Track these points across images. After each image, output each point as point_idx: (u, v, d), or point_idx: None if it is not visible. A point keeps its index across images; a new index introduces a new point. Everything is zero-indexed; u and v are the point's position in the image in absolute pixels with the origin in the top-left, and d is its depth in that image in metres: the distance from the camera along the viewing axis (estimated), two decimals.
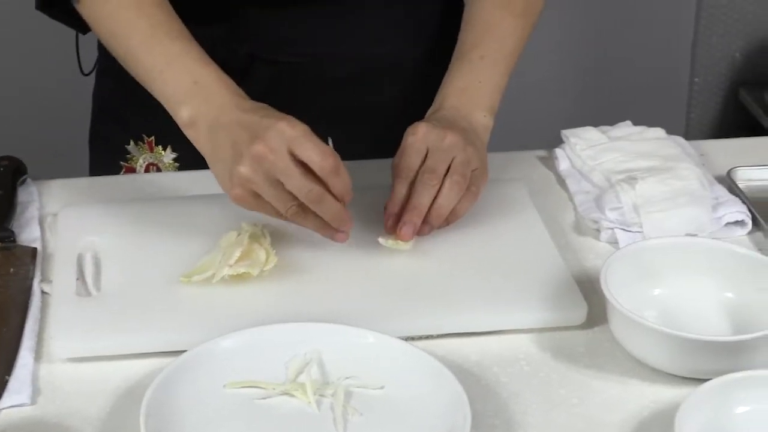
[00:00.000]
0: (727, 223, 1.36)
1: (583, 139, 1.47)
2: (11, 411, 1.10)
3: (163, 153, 1.55)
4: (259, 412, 1.09)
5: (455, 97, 1.35)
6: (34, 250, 1.30)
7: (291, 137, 1.18)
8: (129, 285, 1.23)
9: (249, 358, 1.12)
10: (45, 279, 1.26)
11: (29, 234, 1.33)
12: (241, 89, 1.26)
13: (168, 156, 1.55)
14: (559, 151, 1.48)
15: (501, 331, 1.20)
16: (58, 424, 1.09)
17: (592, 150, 1.45)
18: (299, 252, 1.28)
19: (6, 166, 1.40)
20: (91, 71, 1.57)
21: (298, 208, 1.20)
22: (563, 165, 1.47)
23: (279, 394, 1.11)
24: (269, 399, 1.10)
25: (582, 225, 1.38)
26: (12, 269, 1.27)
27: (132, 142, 1.55)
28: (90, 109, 1.62)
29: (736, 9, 2.82)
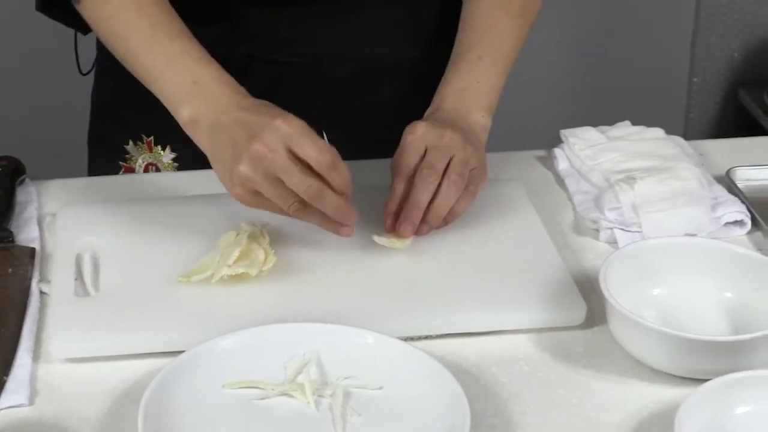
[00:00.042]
0: (727, 223, 1.36)
1: (582, 139, 1.47)
2: (9, 412, 1.10)
3: (162, 153, 1.55)
4: (258, 412, 1.09)
5: (453, 98, 1.35)
6: (32, 250, 1.30)
7: (288, 134, 1.18)
8: (127, 285, 1.23)
9: (248, 358, 1.12)
10: (43, 279, 1.26)
11: (28, 234, 1.33)
12: (243, 87, 1.26)
13: (167, 156, 1.55)
14: (558, 151, 1.48)
15: (500, 332, 1.20)
16: (56, 424, 1.09)
17: (591, 150, 1.45)
18: (298, 252, 1.28)
19: (4, 166, 1.40)
20: (90, 71, 1.58)
21: (299, 204, 1.21)
22: (562, 165, 1.47)
23: (278, 394, 1.11)
24: (268, 399, 1.10)
25: (581, 225, 1.38)
26: (10, 269, 1.27)
27: (131, 142, 1.55)
28: (89, 109, 1.62)
29: (735, 9, 2.82)
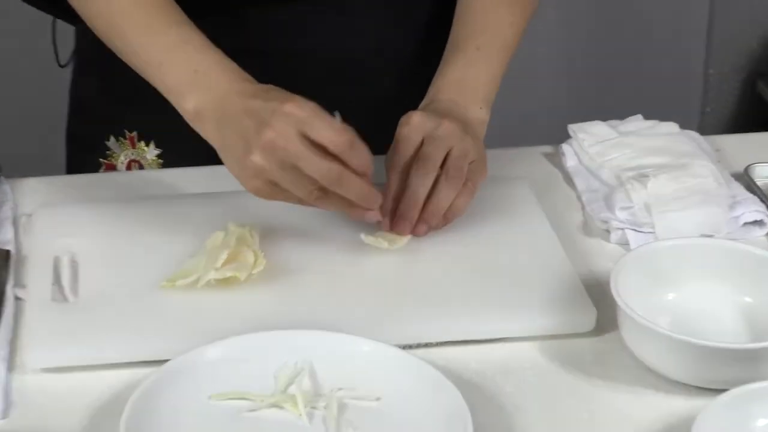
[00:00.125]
0: (745, 223, 1.36)
1: (592, 135, 1.47)
2: None
3: (146, 149, 1.54)
4: (247, 425, 1.09)
5: (450, 90, 1.35)
6: (7, 252, 1.30)
7: (300, 119, 1.18)
8: (108, 290, 1.23)
9: (236, 368, 1.12)
10: (19, 284, 1.26)
11: (2, 236, 1.32)
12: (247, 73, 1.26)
13: (151, 152, 1.54)
14: (566, 147, 1.48)
15: (505, 339, 1.20)
16: None
17: (600, 146, 1.45)
18: (290, 254, 1.28)
19: None
20: (68, 62, 1.57)
21: (320, 192, 1.20)
22: (570, 162, 1.47)
23: (268, 406, 1.10)
24: (257, 412, 1.10)
25: (590, 225, 1.38)
26: None
27: (112, 137, 1.54)
28: (67, 103, 1.61)
29: None
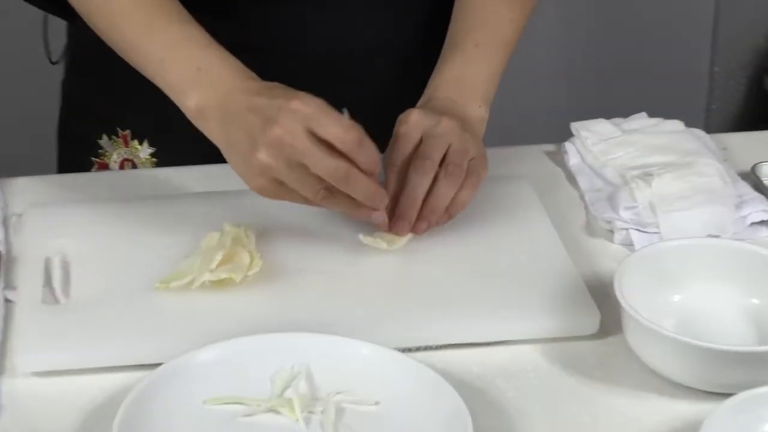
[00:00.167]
0: (752, 223, 1.36)
1: (595, 133, 1.47)
2: None
3: (140, 148, 1.54)
4: (242, 430, 1.09)
5: (448, 88, 1.35)
6: None
7: (307, 115, 1.18)
8: (100, 292, 1.23)
9: (231, 371, 1.12)
10: (9, 285, 1.26)
11: None
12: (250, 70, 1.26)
13: (144, 151, 1.54)
14: (569, 146, 1.48)
15: (506, 342, 1.20)
16: None
17: (604, 144, 1.45)
18: (286, 255, 1.28)
19: None
20: (60, 59, 1.57)
21: (326, 191, 1.20)
22: (573, 160, 1.47)
23: (264, 411, 1.10)
24: (253, 416, 1.10)
25: (594, 225, 1.38)
26: None
27: (105, 136, 1.54)
28: (59, 100, 1.61)
29: None
